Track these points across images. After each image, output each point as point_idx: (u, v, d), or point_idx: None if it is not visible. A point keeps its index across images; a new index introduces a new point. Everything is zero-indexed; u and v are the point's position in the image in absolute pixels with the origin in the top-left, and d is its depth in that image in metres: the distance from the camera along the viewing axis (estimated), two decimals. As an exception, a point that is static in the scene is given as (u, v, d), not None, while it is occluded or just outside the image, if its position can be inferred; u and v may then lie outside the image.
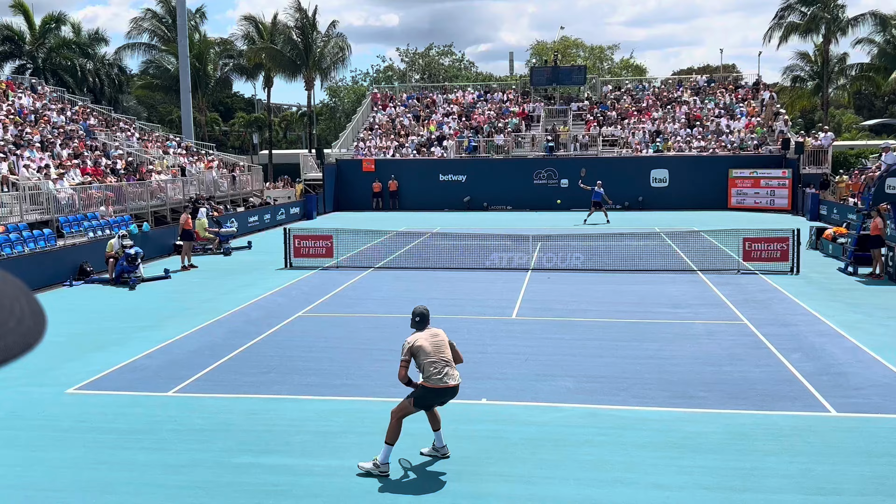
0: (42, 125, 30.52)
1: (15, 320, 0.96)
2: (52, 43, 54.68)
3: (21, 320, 0.97)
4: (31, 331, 0.98)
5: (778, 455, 8.05)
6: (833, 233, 23.25)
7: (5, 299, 0.97)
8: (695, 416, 9.28)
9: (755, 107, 43.84)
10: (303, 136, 76.23)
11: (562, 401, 9.91)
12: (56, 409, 9.86)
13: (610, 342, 12.90)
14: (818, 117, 56.17)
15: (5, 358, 0.94)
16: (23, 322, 0.97)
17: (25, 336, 0.97)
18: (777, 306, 15.72)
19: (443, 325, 14.13)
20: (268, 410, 9.70)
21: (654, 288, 17.79)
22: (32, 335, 0.98)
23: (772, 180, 37.66)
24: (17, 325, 0.96)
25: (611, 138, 42.58)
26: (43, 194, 22.74)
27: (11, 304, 0.97)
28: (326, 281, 19.31)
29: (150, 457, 8.27)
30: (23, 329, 0.97)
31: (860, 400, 9.80)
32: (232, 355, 12.34)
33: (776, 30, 52.62)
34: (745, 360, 11.64)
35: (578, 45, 76.07)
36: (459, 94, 50.41)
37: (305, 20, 58.30)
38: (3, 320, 0.95)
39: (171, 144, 37.88)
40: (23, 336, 0.96)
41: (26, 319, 0.98)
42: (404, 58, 78.31)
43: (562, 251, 22.63)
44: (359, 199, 41.62)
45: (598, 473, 7.71)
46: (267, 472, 7.87)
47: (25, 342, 0.97)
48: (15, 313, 0.97)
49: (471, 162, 41.74)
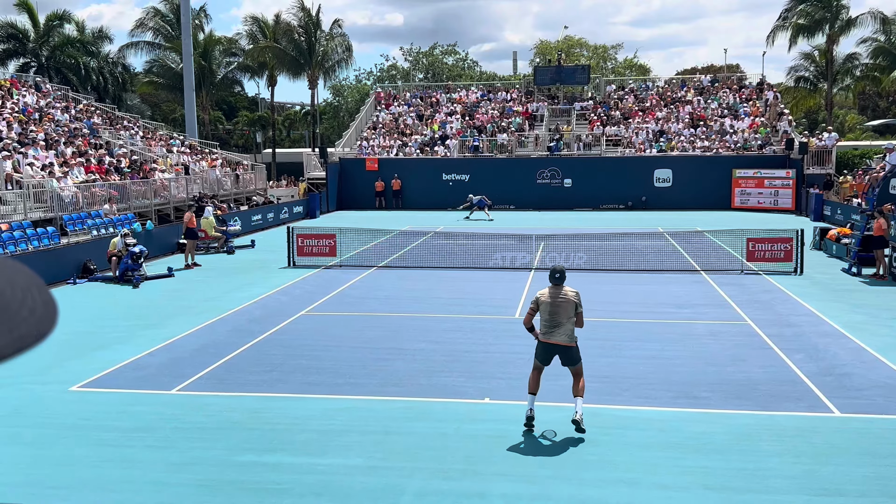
0: (46, 123, 30.57)
1: (27, 310, 0.97)
2: (56, 41, 54.76)
3: (33, 310, 0.98)
4: (44, 321, 0.99)
5: (781, 456, 8.04)
6: (837, 233, 23.22)
7: (18, 290, 0.98)
8: (698, 416, 9.27)
9: (759, 107, 43.80)
10: (306, 134, 76.28)
11: (565, 400, 9.88)
12: (59, 407, 9.88)
13: (613, 342, 12.88)
14: (822, 117, 56.07)
15: (19, 348, 0.95)
16: (35, 312, 0.98)
17: (38, 326, 0.97)
18: (780, 307, 15.70)
19: (445, 324, 14.25)
20: (270, 409, 9.70)
21: (658, 288, 17.77)
22: (44, 325, 0.98)
23: (775, 180, 37.62)
24: (29, 314, 0.97)
25: (614, 138, 42.55)
26: (46, 192, 22.76)
27: (24, 295, 0.98)
28: (329, 280, 19.31)
29: (153, 455, 8.27)
30: (35, 319, 0.97)
31: (864, 401, 9.78)
32: (235, 354, 12.35)
33: (780, 31, 52.56)
34: (749, 361, 11.62)
35: (582, 45, 76.07)
36: (463, 94, 50.42)
37: (309, 19, 58.35)
38: (16, 310, 0.96)
39: (174, 143, 37.92)
40: (35, 326, 0.97)
41: (38, 310, 0.99)
42: (408, 57, 78.37)
43: (565, 251, 22.62)
44: (362, 198, 41.64)
45: (601, 473, 7.71)
46: (270, 470, 7.87)
47: (38, 332, 0.97)
48: (27, 304, 0.97)
49: (474, 161, 41.74)
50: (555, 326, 8.63)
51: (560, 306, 8.66)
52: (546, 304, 8.71)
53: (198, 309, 15.95)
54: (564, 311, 8.65)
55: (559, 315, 8.64)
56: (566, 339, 8.63)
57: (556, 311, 8.66)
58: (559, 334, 8.62)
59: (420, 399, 10.00)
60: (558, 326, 8.62)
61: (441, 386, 10.48)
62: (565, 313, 8.64)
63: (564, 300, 8.67)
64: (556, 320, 8.64)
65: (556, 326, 8.63)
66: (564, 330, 8.63)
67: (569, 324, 8.66)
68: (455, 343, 12.91)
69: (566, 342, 8.63)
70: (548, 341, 8.67)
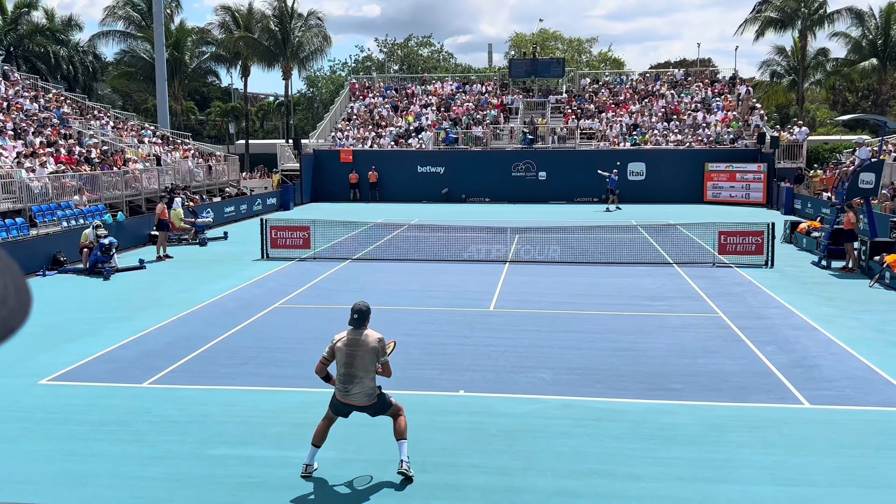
0: (14, 113, 30.07)
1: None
2: (24, 29, 53.84)
3: (4, 300, 0.89)
4: (15, 313, 0.90)
5: (752, 447, 8.14)
6: (807, 227, 23.51)
7: None
8: (670, 407, 9.35)
9: (731, 101, 44.16)
10: (280, 125, 75.72)
11: (539, 392, 9.94)
12: (29, 401, 9.74)
13: (587, 334, 12.96)
14: (793, 112, 56.69)
15: None
16: (6, 303, 0.89)
17: (8, 319, 0.89)
18: (752, 299, 15.87)
19: (421, 316, 14.23)
20: (244, 402, 9.64)
21: (631, 281, 17.89)
22: (15, 318, 0.90)
23: (747, 174, 38.00)
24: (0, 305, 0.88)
25: (588, 131, 42.70)
26: (15, 183, 22.41)
27: None
28: (303, 272, 19.22)
29: (125, 448, 8.19)
30: (5, 311, 0.89)
31: (833, 392, 9.93)
32: (208, 346, 12.26)
33: (751, 23, 53.04)
34: (720, 353, 11.75)
35: (557, 38, 76.20)
36: (438, 86, 50.30)
37: (283, 8, 57.87)
38: None
39: (146, 133, 37.48)
40: (5, 319, 0.89)
41: (10, 300, 0.90)
42: (383, 48, 78.01)
43: (539, 243, 22.70)
44: (336, 190, 41.45)
45: (575, 465, 7.75)
46: (243, 463, 7.82)
47: (7, 326, 0.89)
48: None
49: (449, 153, 41.70)
50: (350, 382, 7.11)
51: (356, 357, 7.10)
52: (341, 352, 7.16)
53: (170, 301, 15.80)
54: (361, 363, 7.09)
55: (355, 367, 7.09)
56: (365, 399, 7.16)
57: (351, 363, 7.10)
58: (355, 393, 7.11)
59: (394, 391, 9.96)
60: (354, 382, 7.09)
61: (415, 378, 10.48)
62: (362, 365, 7.08)
63: (363, 349, 7.10)
64: (351, 373, 7.10)
65: (352, 382, 7.10)
66: (362, 387, 7.11)
67: (367, 379, 7.12)
68: (430, 335, 12.91)
69: (365, 402, 7.18)
70: (343, 401, 7.19)
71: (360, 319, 7.25)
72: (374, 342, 7.15)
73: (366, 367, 7.12)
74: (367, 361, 7.12)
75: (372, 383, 7.19)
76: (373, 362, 7.13)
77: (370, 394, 7.18)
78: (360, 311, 7.26)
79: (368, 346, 7.12)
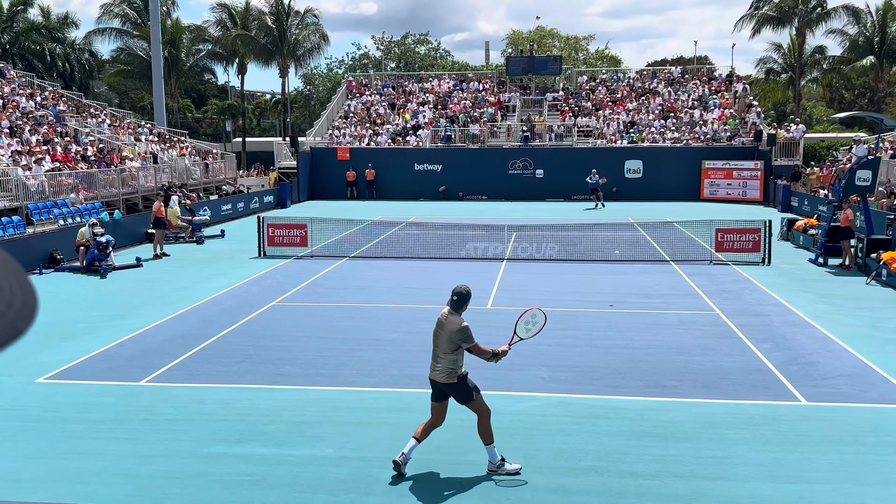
0: (10, 111, 30.00)
1: (4, 304, 0.87)
2: (20, 26, 53.70)
3: (11, 304, 0.88)
4: (21, 316, 0.89)
5: (749, 444, 8.15)
6: (804, 224, 23.55)
7: None
8: (667, 405, 9.36)
9: (728, 98, 44.19)
10: (277, 123, 75.65)
11: (536, 390, 9.95)
12: (26, 399, 9.73)
13: (584, 332, 12.97)
14: (790, 109, 56.74)
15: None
16: (12, 306, 0.88)
17: (14, 322, 0.88)
18: (748, 296, 15.89)
19: (418, 314, 14.21)
20: (241, 400, 9.64)
21: (628, 278, 17.91)
22: (21, 321, 0.89)
23: (744, 172, 38.03)
24: (6, 308, 0.87)
25: (585, 129, 42.71)
26: (12, 181, 22.36)
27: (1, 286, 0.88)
28: (300, 270, 19.21)
29: (122, 447, 8.19)
30: (12, 314, 0.87)
31: (829, 389, 9.95)
32: (205, 345, 12.25)
33: (748, 20, 53.07)
34: (717, 350, 11.76)
35: (554, 35, 76.18)
36: (435, 83, 50.27)
37: (280, 6, 57.79)
38: None
39: (142, 131, 37.41)
40: (11, 323, 0.88)
41: (17, 303, 0.89)
42: (380, 46, 77.96)
43: (536, 241, 22.71)
44: (333, 188, 41.41)
45: (572, 462, 7.76)
46: (240, 461, 7.82)
47: (14, 329, 0.88)
48: (4, 296, 0.87)
49: (446, 151, 41.68)
50: (434, 358, 7.50)
51: (438, 337, 7.46)
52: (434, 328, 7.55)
53: (167, 299, 15.79)
54: (441, 344, 7.42)
55: (437, 346, 7.48)
56: (444, 376, 7.40)
57: (435, 341, 7.51)
58: (437, 370, 7.46)
59: (392, 389, 9.99)
60: (437, 359, 7.47)
61: (413, 376, 10.46)
62: (441, 346, 7.42)
63: (444, 331, 7.41)
64: (434, 352, 7.52)
65: (435, 359, 7.48)
66: (443, 366, 7.42)
67: (445, 360, 7.38)
68: (427, 333, 12.77)
69: (444, 380, 7.40)
70: (430, 377, 7.53)
71: (458, 302, 7.48)
72: (454, 328, 7.33)
73: (444, 348, 7.36)
74: (444, 343, 7.36)
75: (451, 365, 7.36)
76: (449, 345, 7.34)
77: (449, 372, 7.36)
78: (458, 293, 7.49)
79: (448, 330, 7.35)
